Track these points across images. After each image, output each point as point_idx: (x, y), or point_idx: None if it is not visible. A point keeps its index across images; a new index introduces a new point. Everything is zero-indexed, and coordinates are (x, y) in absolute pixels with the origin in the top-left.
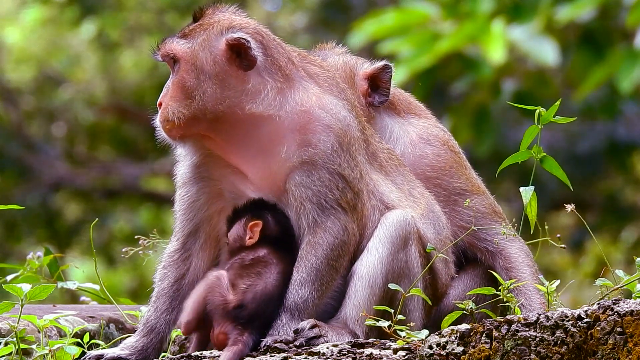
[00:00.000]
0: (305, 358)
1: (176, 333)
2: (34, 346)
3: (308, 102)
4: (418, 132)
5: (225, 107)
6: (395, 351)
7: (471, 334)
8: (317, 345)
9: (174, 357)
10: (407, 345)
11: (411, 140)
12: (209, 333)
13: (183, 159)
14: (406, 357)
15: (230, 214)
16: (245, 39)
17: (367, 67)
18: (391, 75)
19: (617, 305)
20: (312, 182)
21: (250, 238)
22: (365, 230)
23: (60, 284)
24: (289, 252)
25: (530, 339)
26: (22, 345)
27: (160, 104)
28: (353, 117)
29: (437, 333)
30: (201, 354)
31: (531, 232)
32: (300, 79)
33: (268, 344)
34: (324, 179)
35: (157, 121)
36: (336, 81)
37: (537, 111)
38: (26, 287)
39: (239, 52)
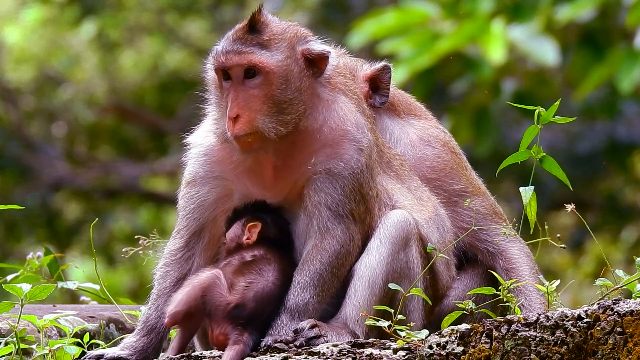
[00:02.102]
0: (305, 358)
1: (176, 333)
2: (34, 346)
3: (347, 120)
4: (418, 133)
5: (301, 121)
6: (395, 351)
7: (471, 334)
8: (317, 345)
9: (174, 357)
10: (407, 345)
11: (411, 142)
12: (193, 331)
13: (194, 156)
14: (406, 357)
15: (230, 214)
16: (328, 52)
17: (366, 68)
18: (390, 76)
19: (617, 305)
20: (335, 189)
21: (247, 238)
22: (369, 239)
23: (60, 284)
24: (287, 253)
25: (530, 339)
26: (22, 345)
27: (238, 116)
28: (373, 137)
29: (437, 333)
30: (201, 354)
31: (531, 232)
32: (337, 92)
33: (268, 343)
34: (346, 189)
35: (236, 132)
36: (357, 92)
37: (537, 111)
38: (26, 287)
39: (311, 63)
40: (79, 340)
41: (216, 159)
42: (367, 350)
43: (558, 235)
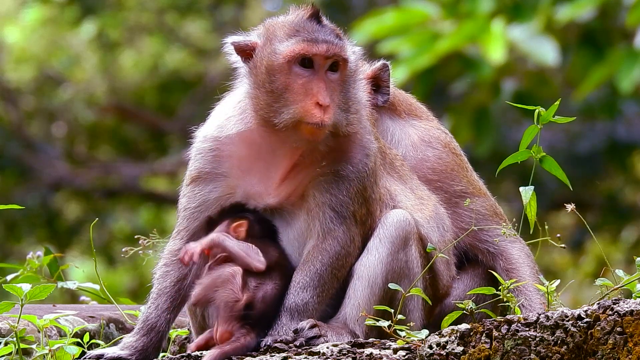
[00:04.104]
0: (305, 358)
1: (176, 333)
2: (34, 346)
3: (363, 125)
4: (419, 134)
5: None
6: (395, 351)
7: (471, 333)
8: (317, 345)
9: (174, 357)
10: (407, 345)
11: (412, 143)
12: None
13: (202, 151)
14: (406, 357)
15: (205, 223)
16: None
17: (366, 69)
18: (389, 73)
19: (617, 305)
20: (340, 191)
21: (236, 238)
22: (369, 240)
23: (60, 284)
24: (285, 252)
25: (530, 339)
26: (22, 345)
27: (329, 106)
28: (377, 142)
29: (437, 333)
30: (201, 354)
31: (531, 232)
32: None
33: (268, 343)
34: (350, 191)
35: (326, 120)
36: None
37: (537, 111)
38: (26, 287)
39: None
40: (79, 340)
41: (227, 153)
42: (367, 350)
43: (558, 235)
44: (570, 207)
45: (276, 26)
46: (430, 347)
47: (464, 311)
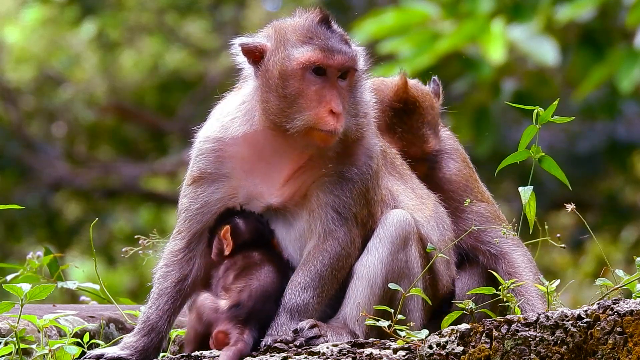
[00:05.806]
0: (305, 358)
1: (176, 333)
2: (34, 346)
3: (370, 127)
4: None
5: None
6: (395, 351)
7: (471, 333)
8: (317, 345)
9: (174, 357)
10: (407, 345)
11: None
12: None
13: (204, 152)
14: (406, 357)
15: (209, 235)
16: None
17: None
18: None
19: (617, 305)
20: (343, 192)
21: (227, 246)
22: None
23: (60, 284)
24: (272, 251)
25: (530, 339)
26: (22, 345)
27: (340, 114)
28: (379, 142)
29: (437, 333)
30: (201, 354)
31: (530, 232)
32: None
33: (268, 343)
34: (353, 193)
35: (339, 128)
36: None
37: (535, 111)
38: (26, 287)
39: None
40: (79, 340)
41: (230, 154)
42: (367, 350)
43: (558, 235)
44: (570, 207)
45: (287, 30)
46: (430, 347)
47: (464, 311)
